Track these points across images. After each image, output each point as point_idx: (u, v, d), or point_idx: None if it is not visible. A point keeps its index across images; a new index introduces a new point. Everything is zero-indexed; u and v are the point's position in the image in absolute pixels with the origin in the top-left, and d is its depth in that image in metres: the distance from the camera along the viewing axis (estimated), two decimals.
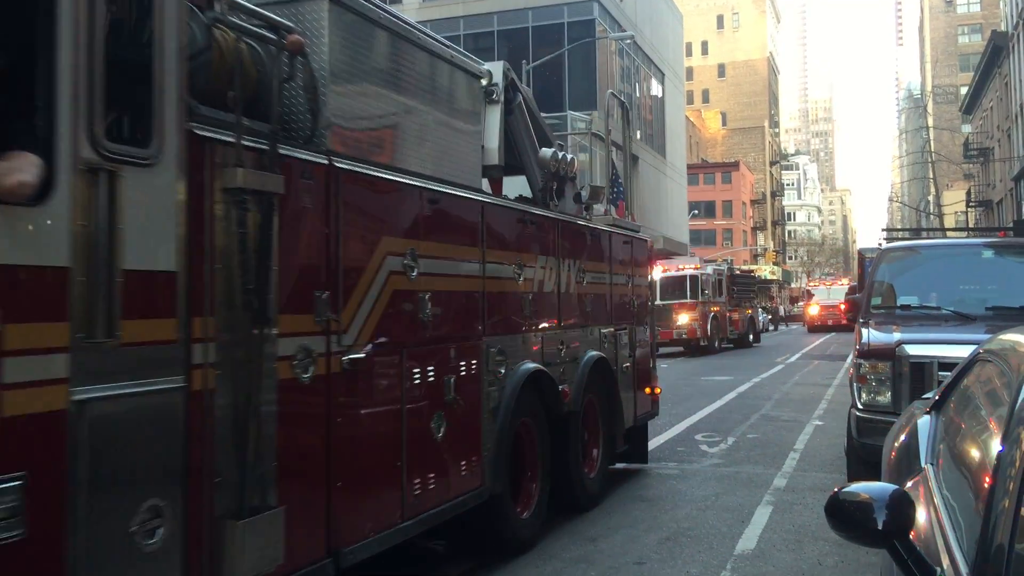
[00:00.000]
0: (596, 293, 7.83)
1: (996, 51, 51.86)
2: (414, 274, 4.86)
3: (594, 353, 7.54)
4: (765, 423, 12.70)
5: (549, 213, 7.07)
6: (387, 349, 4.60)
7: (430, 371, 5.01)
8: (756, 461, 9.73)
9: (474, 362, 5.53)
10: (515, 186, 7.65)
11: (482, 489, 5.59)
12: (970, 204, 62.38)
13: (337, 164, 4.27)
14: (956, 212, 66.97)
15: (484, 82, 6.67)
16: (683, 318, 28.84)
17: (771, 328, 49.40)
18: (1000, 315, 7.54)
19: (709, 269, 31.63)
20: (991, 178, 57.83)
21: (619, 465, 8.97)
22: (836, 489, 2.23)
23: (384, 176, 4.77)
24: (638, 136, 50.39)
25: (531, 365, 6.26)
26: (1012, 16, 48.32)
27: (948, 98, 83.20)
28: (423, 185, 5.11)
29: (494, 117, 6.83)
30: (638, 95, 51.43)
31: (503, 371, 5.87)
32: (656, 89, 55.02)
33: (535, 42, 41.16)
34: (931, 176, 64.84)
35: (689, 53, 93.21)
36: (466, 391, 5.40)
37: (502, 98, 6.91)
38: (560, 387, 6.71)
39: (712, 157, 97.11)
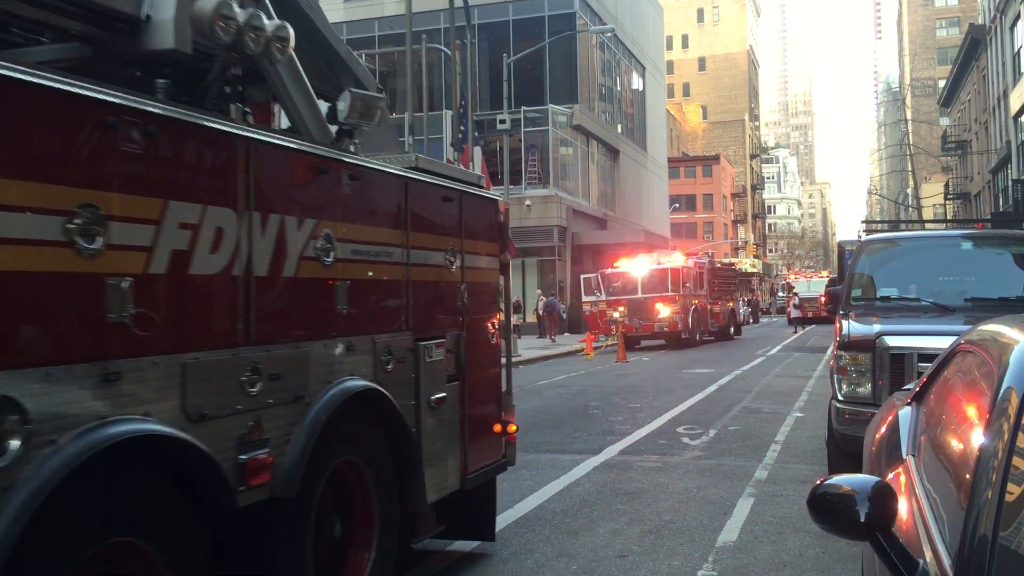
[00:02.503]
0: (367, 280, 4.69)
1: (974, 44, 52.24)
2: None
3: (352, 384, 4.39)
4: (746, 415, 12.74)
5: (209, 121, 3.65)
6: None
7: None
8: (737, 453, 9.75)
9: None
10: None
11: None
12: (948, 196, 62.86)
13: None
14: (934, 204, 67.51)
15: None
16: (664, 311, 28.92)
17: (751, 321, 49.61)
18: (979, 306, 7.58)
19: (690, 262, 31.75)
20: (969, 171, 58.30)
21: (466, 546, 6.28)
22: (818, 482, 2.21)
23: None
24: (619, 130, 50.47)
25: (129, 427, 3.08)
26: (989, 9, 48.66)
27: (926, 91, 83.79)
28: None
29: None
30: (619, 88, 51.52)
31: (14, 449, 2.69)
32: (637, 83, 55.12)
33: (516, 36, 41.09)
34: (910, 169, 65.33)
35: (670, 47, 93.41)
36: None
37: None
38: (241, 457, 3.62)
39: (693, 150, 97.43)
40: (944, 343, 3.97)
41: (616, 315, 28.93)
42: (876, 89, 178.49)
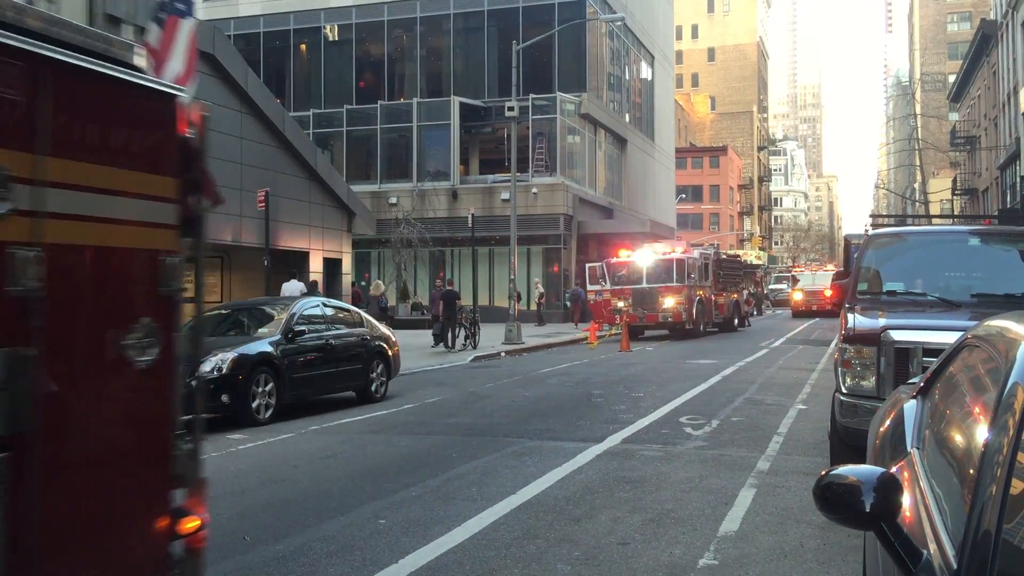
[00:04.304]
0: None
1: (985, 39, 51.98)
2: None
3: None
4: (749, 407, 12.76)
5: None
6: None
7: None
8: (740, 444, 9.77)
9: None
10: None
11: None
12: (956, 192, 62.72)
13: None
14: (942, 200, 67.33)
15: None
16: (669, 301, 28.93)
17: (755, 313, 49.56)
18: (985, 302, 7.57)
19: (696, 253, 31.73)
20: (977, 166, 58.11)
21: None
22: (824, 472, 2.23)
23: None
24: (627, 119, 50.33)
25: None
26: (1001, 5, 48.38)
27: (936, 86, 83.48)
28: None
29: None
30: (628, 78, 51.37)
31: None
32: (646, 72, 54.95)
33: (525, 23, 41.01)
34: (918, 163, 65.11)
35: (679, 36, 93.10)
36: None
37: None
38: None
39: (700, 141, 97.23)
40: (949, 338, 3.98)
41: (621, 304, 28.95)
42: (886, 83, 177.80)
